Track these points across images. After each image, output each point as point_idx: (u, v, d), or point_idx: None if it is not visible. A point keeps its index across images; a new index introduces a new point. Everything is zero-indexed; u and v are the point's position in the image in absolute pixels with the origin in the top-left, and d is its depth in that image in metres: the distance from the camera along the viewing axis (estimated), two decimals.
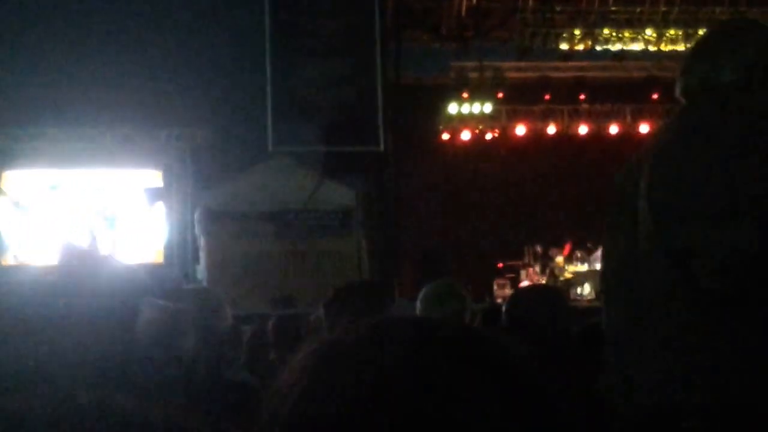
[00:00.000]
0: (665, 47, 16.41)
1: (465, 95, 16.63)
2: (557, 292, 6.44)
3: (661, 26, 16.18)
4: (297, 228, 13.81)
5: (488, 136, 17.28)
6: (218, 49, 15.62)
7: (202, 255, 13.73)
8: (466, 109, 16.74)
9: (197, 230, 13.87)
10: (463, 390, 0.69)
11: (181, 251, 14.43)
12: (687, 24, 16.11)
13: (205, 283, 12.47)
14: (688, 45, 16.16)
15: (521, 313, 3.85)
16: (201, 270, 13.64)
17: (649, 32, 16.24)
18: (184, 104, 14.81)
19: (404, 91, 15.73)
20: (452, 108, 16.72)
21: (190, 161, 14.77)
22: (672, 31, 16.28)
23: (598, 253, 14.93)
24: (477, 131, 17.12)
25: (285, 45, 14.58)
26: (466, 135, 17.04)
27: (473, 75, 16.78)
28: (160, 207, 14.59)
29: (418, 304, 4.28)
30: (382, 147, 14.66)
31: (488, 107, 16.70)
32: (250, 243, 13.38)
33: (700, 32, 16.01)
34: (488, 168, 17.07)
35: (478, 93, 16.61)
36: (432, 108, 16.72)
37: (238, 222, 13.42)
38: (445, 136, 17.10)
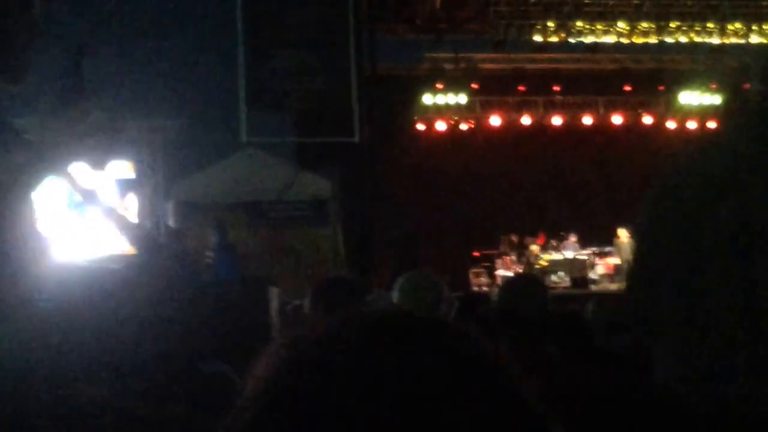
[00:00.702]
0: (638, 39, 16.47)
1: (439, 86, 16.64)
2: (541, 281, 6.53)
3: (633, 18, 16.21)
4: (272, 218, 13.73)
5: (463, 127, 17.33)
6: (190, 40, 15.50)
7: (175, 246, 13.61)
8: (440, 99, 16.78)
9: (170, 222, 13.74)
10: (427, 384, 0.68)
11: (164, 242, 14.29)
12: (659, 16, 16.20)
13: None
14: (660, 37, 16.27)
15: (512, 302, 3.87)
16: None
17: (621, 24, 16.27)
18: (155, 95, 14.67)
19: (379, 82, 15.72)
20: (427, 99, 16.74)
21: (163, 153, 14.64)
22: (644, 24, 16.34)
23: (572, 240, 15.04)
24: (452, 122, 17.17)
25: (257, 36, 14.48)
26: (441, 125, 17.08)
27: (448, 66, 16.81)
28: (132, 198, 14.42)
29: (395, 294, 4.28)
30: (357, 138, 14.59)
31: (463, 98, 16.75)
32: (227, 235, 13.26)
33: (672, 25, 16.12)
34: (463, 158, 17.12)
35: (453, 84, 16.64)
36: (407, 99, 16.72)
37: (211, 213, 13.32)
38: (420, 127, 17.12)
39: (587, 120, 17.66)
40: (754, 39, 16.50)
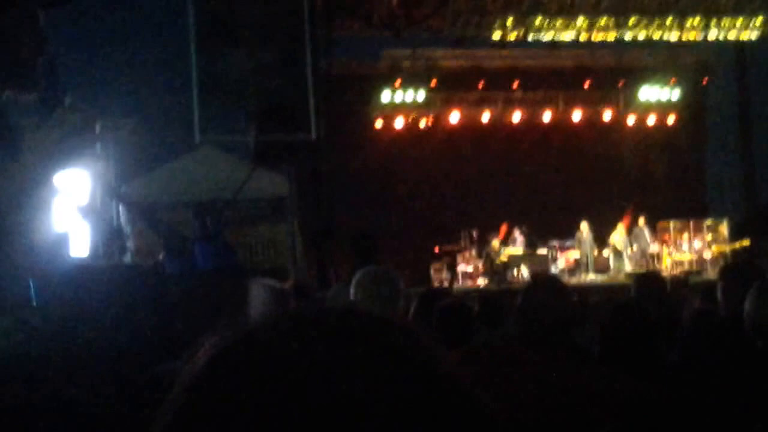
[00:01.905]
0: (597, 36, 16.48)
1: (398, 83, 16.55)
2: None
3: (592, 15, 16.22)
4: (228, 218, 13.57)
5: (422, 124, 17.25)
6: (142, 38, 15.29)
7: (128, 247, 13.43)
8: (399, 97, 16.70)
9: (123, 222, 13.56)
10: (353, 383, 0.66)
11: (106, 243, 14.09)
12: (618, 12, 16.21)
13: None
14: (619, 33, 16.28)
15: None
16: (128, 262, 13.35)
17: (580, 21, 16.26)
18: (107, 94, 14.46)
19: (336, 79, 15.62)
20: (385, 96, 16.66)
21: (114, 152, 14.42)
22: (603, 20, 16.34)
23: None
24: (410, 119, 17.08)
25: (211, 32, 14.30)
26: (399, 122, 17.02)
27: (406, 63, 16.72)
28: (84, 199, 14.21)
29: (352, 289, 4.31)
30: (313, 135, 14.45)
31: (422, 95, 16.68)
32: (178, 235, 13.08)
33: (631, 21, 16.14)
34: (422, 155, 17.09)
35: (411, 81, 16.56)
36: (365, 96, 16.67)
37: (164, 213, 13.13)
38: (379, 124, 17.03)
39: (547, 116, 17.65)
40: (713, 34, 16.57)
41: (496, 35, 16.10)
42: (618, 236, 14.95)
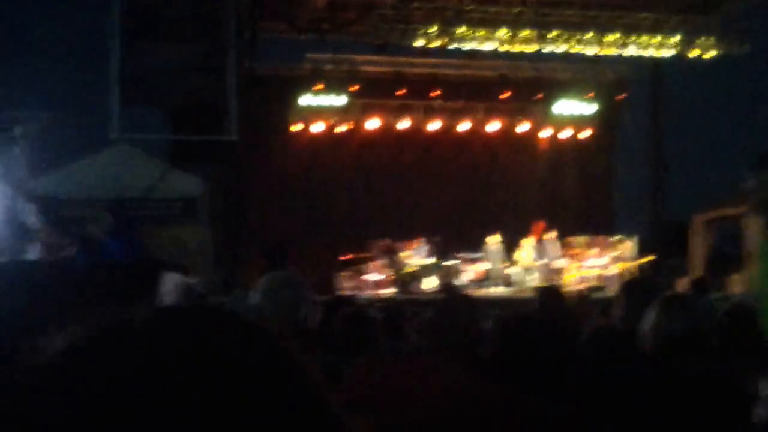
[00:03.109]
0: (518, 47, 16.69)
1: (319, 87, 16.50)
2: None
3: (514, 27, 16.42)
4: (136, 217, 13.35)
5: (341, 129, 17.19)
6: (59, 31, 14.95)
7: (36, 241, 13.11)
8: (319, 101, 16.64)
9: (29, 217, 13.23)
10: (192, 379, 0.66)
11: (10, 238, 13.74)
12: (539, 25, 16.45)
13: None
14: (540, 46, 16.53)
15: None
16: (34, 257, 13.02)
17: (502, 32, 16.45)
18: (19, 86, 14.09)
19: (257, 81, 15.53)
20: (305, 99, 16.58)
21: (23, 146, 14.06)
22: (525, 32, 16.55)
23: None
24: (330, 123, 17.03)
25: (132, 28, 14.08)
26: (318, 127, 16.93)
27: (328, 68, 16.69)
28: None
29: (257, 294, 4.35)
30: (233, 136, 14.34)
31: (342, 100, 16.67)
32: (87, 231, 12.84)
33: (552, 34, 16.39)
34: (339, 161, 17.09)
35: (332, 85, 16.54)
36: (285, 99, 16.57)
37: (73, 210, 12.86)
38: (297, 128, 16.93)
39: (466, 125, 17.77)
40: (631, 50, 16.95)
41: (419, 43, 16.18)
42: (526, 250, 15.10)
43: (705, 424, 3.11)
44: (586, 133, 18.52)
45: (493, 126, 17.87)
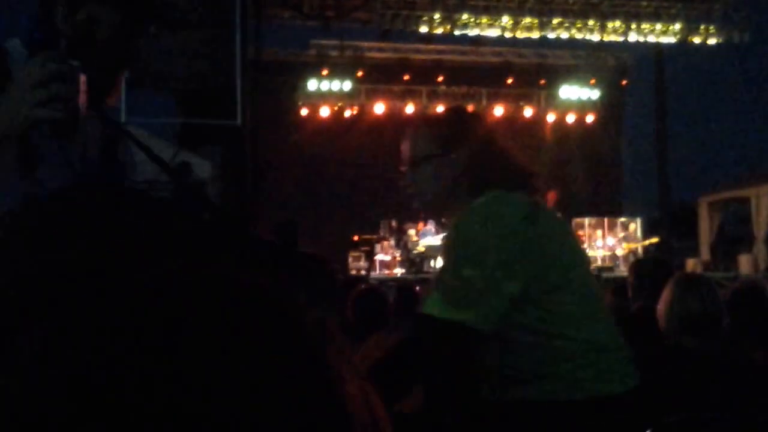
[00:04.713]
0: (521, 34, 16.79)
1: (324, 72, 16.66)
2: None
3: (517, 14, 16.52)
4: None
5: (347, 114, 17.38)
6: None
7: None
8: (325, 86, 16.79)
9: None
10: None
11: None
12: (541, 13, 16.54)
13: None
14: (543, 33, 16.65)
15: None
16: None
17: (505, 19, 16.56)
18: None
19: (264, 66, 15.64)
20: (311, 84, 16.74)
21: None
22: (527, 19, 16.66)
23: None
24: (336, 108, 17.19)
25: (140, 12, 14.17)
26: (325, 111, 17.11)
27: (333, 53, 16.84)
28: None
29: None
30: (239, 121, 14.46)
31: (348, 85, 16.81)
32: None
33: (554, 21, 16.51)
34: (346, 144, 17.22)
35: (338, 71, 16.68)
36: (292, 84, 16.72)
37: None
38: (304, 112, 17.11)
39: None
40: (632, 37, 17.04)
41: (423, 29, 16.30)
42: None
43: (721, 402, 3.10)
44: (590, 118, 18.66)
45: (497, 111, 18.03)
